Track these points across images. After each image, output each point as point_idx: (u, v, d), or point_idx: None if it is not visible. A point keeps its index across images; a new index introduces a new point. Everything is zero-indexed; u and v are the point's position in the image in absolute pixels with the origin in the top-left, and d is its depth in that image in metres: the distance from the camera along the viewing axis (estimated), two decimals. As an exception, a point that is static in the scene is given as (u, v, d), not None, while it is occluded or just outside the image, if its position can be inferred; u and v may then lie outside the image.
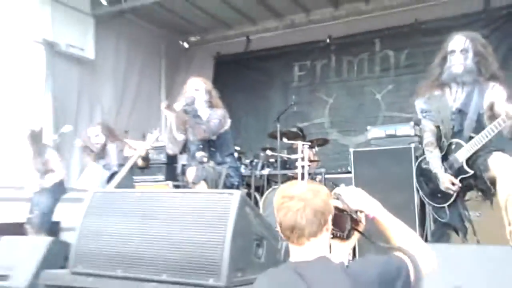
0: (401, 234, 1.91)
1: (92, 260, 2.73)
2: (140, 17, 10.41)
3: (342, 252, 1.93)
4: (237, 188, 5.11)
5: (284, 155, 7.42)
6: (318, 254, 1.76)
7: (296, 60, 10.59)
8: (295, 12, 10.37)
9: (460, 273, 2.70)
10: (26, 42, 8.20)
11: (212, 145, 4.97)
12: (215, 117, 4.94)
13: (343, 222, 1.89)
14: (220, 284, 2.27)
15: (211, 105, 5.11)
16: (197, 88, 5.07)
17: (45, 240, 4.10)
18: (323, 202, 1.77)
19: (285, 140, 7.31)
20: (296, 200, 1.75)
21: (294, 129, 7.78)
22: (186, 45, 11.98)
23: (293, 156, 7.22)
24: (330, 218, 1.81)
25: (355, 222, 1.92)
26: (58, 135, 6.17)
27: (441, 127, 3.63)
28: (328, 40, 10.11)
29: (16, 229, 5.84)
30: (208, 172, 4.82)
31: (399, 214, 2.01)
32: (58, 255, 3.83)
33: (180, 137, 5.10)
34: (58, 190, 6.15)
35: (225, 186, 4.83)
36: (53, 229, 6.26)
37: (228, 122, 5.13)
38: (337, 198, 1.89)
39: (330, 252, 1.93)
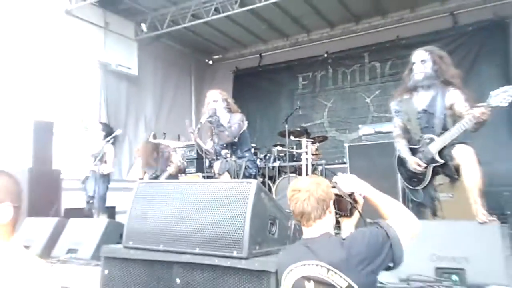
0: (389, 206, 1.97)
1: (140, 237, 2.76)
2: (173, 41, 10.51)
3: (348, 226, 2.05)
4: (254, 177, 5.11)
5: (292, 150, 7.42)
6: (323, 232, 1.88)
7: (300, 72, 10.57)
8: (299, 33, 10.43)
9: (436, 244, 2.70)
10: (86, 63, 8.36)
11: (234, 144, 4.97)
12: (235, 122, 4.90)
13: (344, 204, 1.99)
14: (242, 255, 2.29)
15: (229, 110, 5.08)
16: (215, 99, 5.03)
17: (104, 221, 4.22)
18: (324, 192, 1.89)
19: (292, 137, 7.31)
20: (302, 192, 1.88)
21: (299, 129, 7.76)
22: (210, 62, 12.01)
23: (299, 151, 7.25)
24: (331, 203, 1.93)
25: (355, 202, 2.00)
26: (111, 137, 6.21)
27: (407, 125, 3.68)
28: (325, 55, 10.11)
29: (79, 212, 5.92)
30: (231, 165, 4.85)
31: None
32: (114, 233, 3.94)
33: (210, 144, 5.12)
34: (108, 179, 6.21)
35: (245, 176, 4.84)
36: (110, 212, 6.37)
37: (246, 123, 5.08)
38: (334, 186, 1.95)
39: (340, 227, 2.04)
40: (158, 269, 2.59)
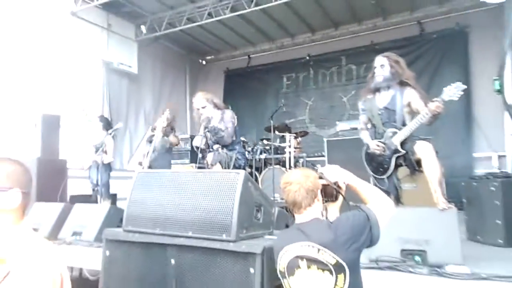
0: (369, 192, 2.04)
1: (138, 221, 2.75)
2: (170, 42, 10.44)
3: (334, 209, 2.08)
4: (243, 168, 5.11)
5: (276, 143, 7.43)
6: (313, 217, 1.94)
7: (284, 73, 10.57)
8: (283, 37, 10.41)
9: (401, 228, 2.74)
10: (90, 61, 8.26)
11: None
12: (228, 120, 4.83)
13: (329, 191, 2.02)
14: (231, 239, 2.30)
15: (218, 108, 5.02)
16: (203, 105, 4.94)
17: (106, 207, 4.20)
18: (312, 183, 1.94)
19: (277, 132, 7.32)
20: (294, 184, 1.93)
21: (284, 125, 7.77)
22: (203, 62, 11.94)
23: (282, 144, 7.27)
24: (319, 192, 1.97)
25: (339, 188, 2.04)
26: (112, 130, 6.17)
27: (372, 120, 3.81)
28: (307, 58, 10.13)
29: (84, 198, 5.89)
30: (222, 157, 4.82)
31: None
32: (115, 218, 3.92)
33: (198, 140, 5.04)
34: (110, 168, 6.17)
35: (234, 167, 4.82)
36: (112, 199, 6.34)
37: (236, 119, 5.04)
38: (321, 177, 1.99)
39: (327, 212, 2.06)
40: (154, 251, 2.59)
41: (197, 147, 4.91)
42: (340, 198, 2.06)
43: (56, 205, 4.44)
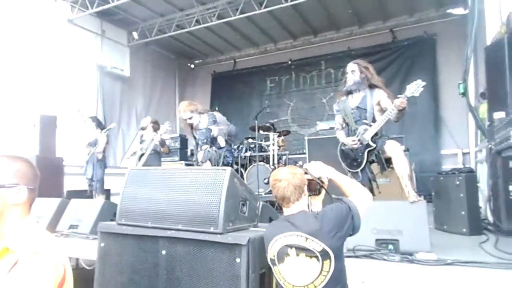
0: (349, 185, 2.08)
1: (131, 215, 2.72)
2: (160, 47, 10.36)
3: (317, 202, 2.12)
4: (231, 165, 5.12)
5: (261, 142, 7.43)
6: (300, 209, 1.98)
7: (268, 76, 10.56)
8: (267, 43, 10.42)
9: (376, 220, 2.77)
10: (85, 65, 8.16)
11: (214, 138, 4.96)
12: (224, 122, 4.89)
13: (314, 186, 2.06)
14: (218, 231, 2.29)
15: (201, 113, 5.03)
16: (190, 116, 4.96)
17: (101, 202, 4.14)
18: (299, 179, 1.97)
19: (261, 132, 7.31)
20: (282, 181, 1.96)
21: (267, 124, 7.77)
22: (192, 66, 11.87)
23: (266, 143, 7.27)
24: (305, 187, 2.01)
25: (322, 183, 2.07)
26: (106, 130, 6.11)
27: (346, 119, 3.90)
28: (289, 62, 10.15)
29: (80, 194, 5.81)
30: (212, 154, 4.82)
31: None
32: (109, 212, 3.88)
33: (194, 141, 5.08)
34: (105, 165, 6.11)
35: (223, 164, 4.82)
36: (106, 194, 6.27)
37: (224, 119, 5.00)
38: (306, 173, 2.01)
39: (312, 204, 2.12)
40: (146, 243, 2.56)
41: (202, 162, 4.94)
42: (323, 192, 2.10)
43: (53, 200, 4.37)
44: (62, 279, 1.39)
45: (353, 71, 3.83)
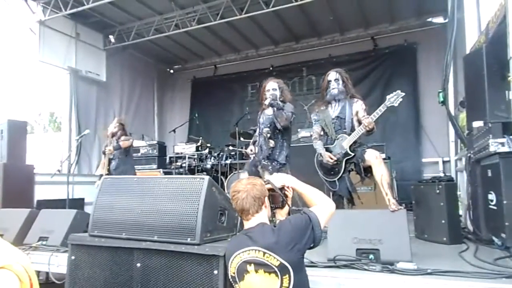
0: (310, 193, 2.06)
1: (104, 226, 2.67)
2: (138, 51, 10.25)
3: (282, 216, 2.09)
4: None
5: (241, 149, 7.42)
6: (259, 222, 1.94)
7: (249, 82, 10.56)
8: (248, 49, 10.47)
9: (357, 229, 2.79)
10: (57, 69, 8.04)
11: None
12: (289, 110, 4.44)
13: (277, 199, 2.04)
14: (195, 242, 2.27)
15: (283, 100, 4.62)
16: (275, 88, 4.64)
17: (72, 212, 3.98)
18: (259, 191, 1.95)
19: (242, 139, 7.31)
20: (241, 192, 1.94)
21: (249, 131, 7.78)
22: (171, 71, 11.80)
23: (247, 150, 7.25)
24: (266, 199, 1.99)
25: (285, 196, 2.06)
26: (80, 136, 6.00)
27: (325, 129, 3.99)
28: (271, 68, 10.17)
29: (51, 203, 5.66)
30: None
31: (319, 189, 2.13)
32: (82, 223, 3.76)
33: None
34: None
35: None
36: (79, 203, 6.13)
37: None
38: (268, 183, 2.00)
39: (276, 218, 2.09)
40: (120, 255, 2.52)
41: None
42: (287, 206, 2.09)
43: (22, 211, 4.23)
44: None
45: (336, 80, 3.94)
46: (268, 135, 4.29)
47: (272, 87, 4.63)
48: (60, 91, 8.15)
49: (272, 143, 4.32)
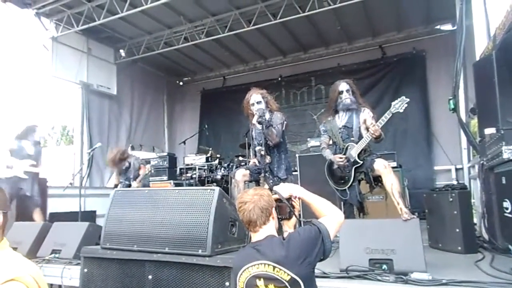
0: (318, 203, 2.01)
1: (116, 238, 2.68)
2: (148, 64, 10.38)
3: (289, 227, 2.04)
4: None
5: (251, 160, 7.39)
6: (267, 234, 1.89)
7: (258, 93, 10.56)
8: (257, 60, 10.52)
9: (369, 239, 2.75)
10: (70, 83, 8.17)
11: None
12: (278, 122, 4.36)
13: (284, 209, 2.01)
14: (206, 253, 2.27)
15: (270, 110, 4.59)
16: (259, 100, 4.53)
17: (85, 225, 4.01)
18: (266, 201, 1.90)
19: (251, 149, 7.29)
20: (248, 203, 1.89)
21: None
22: (180, 83, 11.89)
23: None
24: (273, 210, 1.94)
25: (292, 207, 2.02)
26: (92, 149, 6.07)
27: (333, 138, 4.06)
28: (279, 78, 10.18)
29: (64, 216, 5.71)
30: None
31: (329, 198, 2.09)
32: (94, 235, 3.80)
33: None
34: None
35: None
36: (91, 216, 6.17)
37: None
38: (275, 193, 1.98)
39: (283, 229, 2.01)
40: (132, 267, 2.52)
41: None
42: (294, 217, 2.04)
43: (35, 224, 4.28)
44: None
45: (348, 90, 3.99)
46: (262, 152, 4.22)
47: (256, 100, 4.56)
48: (72, 105, 8.27)
49: (268, 158, 4.28)
